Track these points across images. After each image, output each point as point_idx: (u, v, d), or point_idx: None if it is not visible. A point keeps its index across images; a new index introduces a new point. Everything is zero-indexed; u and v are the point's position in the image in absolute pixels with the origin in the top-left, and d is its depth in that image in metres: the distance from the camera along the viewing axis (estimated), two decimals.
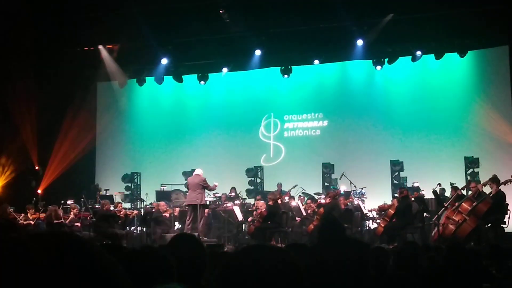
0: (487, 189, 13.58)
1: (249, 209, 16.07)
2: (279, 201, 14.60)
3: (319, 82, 19.73)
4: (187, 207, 14.71)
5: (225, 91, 20.53)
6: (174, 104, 21.02)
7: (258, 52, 18.16)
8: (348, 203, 15.43)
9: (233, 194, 17.56)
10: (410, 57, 18.05)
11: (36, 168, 18.68)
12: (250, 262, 1.66)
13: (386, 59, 18.32)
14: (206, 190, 14.69)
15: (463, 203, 13.18)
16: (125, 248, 8.27)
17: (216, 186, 15.08)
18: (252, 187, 18.86)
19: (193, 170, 15.62)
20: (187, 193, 14.72)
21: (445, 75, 18.33)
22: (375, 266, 4.62)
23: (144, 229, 15.86)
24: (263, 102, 20.18)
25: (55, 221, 14.24)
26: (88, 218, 15.04)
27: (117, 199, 17.79)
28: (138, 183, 20.10)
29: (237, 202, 16.56)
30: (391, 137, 18.62)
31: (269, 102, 20.15)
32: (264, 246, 1.83)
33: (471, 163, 16.87)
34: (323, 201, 15.36)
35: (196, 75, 20.06)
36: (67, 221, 14.54)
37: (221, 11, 16.36)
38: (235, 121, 20.20)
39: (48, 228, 14.11)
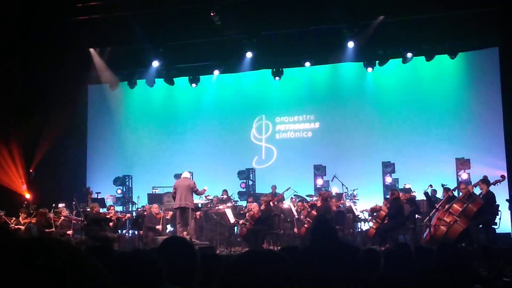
0: (477, 191, 13.63)
1: (241, 212, 16.06)
2: (271, 203, 14.60)
3: (311, 84, 19.76)
4: (174, 210, 14.66)
5: (217, 93, 20.54)
6: (166, 106, 21.00)
7: (249, 55, 18.16)
8: (340, 205, 15.46)
9: (225, 196, 17.54)
10: (401, 59, 18.12)
11: (30, 170, 18.60)
12: (251, 269, 1.67)
13: (377, 61, 18.38)
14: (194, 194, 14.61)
15: (454, 204, 13.22)
16: (115, 251, 8.24)
17: (205, 190, 15.08)
18: (244, 190, 18.86)
19: None
20: (175, 196, 14.57)
21: (436, 76, 18.40)
22: (367, 267, 4.62)
23: (136, 232, 15.81)
24: (254, 104, 20.20)
25: (45, 225, 14.19)
26: (79, 221, 14.97)
27: (109, 202, 17.73)
28: (130, 186, 20.06)
29: (229, 204, 16.54)
30: (382, 138, 18.66)
31: (260, 104, 20.17)
32: (262, 252, 1.83)
33: (462, 164, 16.94)
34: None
35: (187, 77, 20.06)
36: (58, 223, 14.48)
37: (212, 14, 16.35)
38: (226, 123, 20.22)
39: (39, 232, 14.06)
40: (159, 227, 15.09)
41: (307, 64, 18.90)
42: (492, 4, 15.33)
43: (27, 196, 18.11)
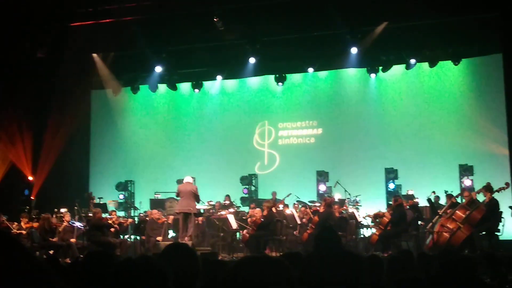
0: (481, 197, 13.59)
1: (244, 217, 16.03)
2: (273, 209, 14.57)
3: (313, 90, 19.75)
4: (178, 215, 14.63)
5: (219, 98, 20.54)
6: (168, 112, 21.01)
7: (252, 60, 18.17)
8: (343, 211, 15.42)
9: (227, 202, 17.51)
10: (405, 65, 18.12)
11: (30, 178, 18.61)
12: (248, 275, 1.66)
13: (380, 67, 18.38)
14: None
15: (457, 211, 13.16)
16: (118, 257, 8.22)
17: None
18: (247, 195, 18.82)
19: None
20: (179, 201, 14.59)
21: (439, 83, 18.38)
22: (370, 274, 4.60)
23: (138, 237, 15.80)
24: (257, 109, 20.19)
25: (48, 230, 14.17)
26: (82, 229, 14.95)
27: (111, 207, 17.71)
28: (132, 191, 20.05)
29: (231, 210, 16.51)
30: (385, 145, 18.62)
31: (263, 109, 20.15)
32: (259, 258, 1.81)
33: (465, 170, 16.90)
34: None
35: (190, 83, 20.10)
36: (60, 229, 14.47)
37: (215, 19, 16.37)
38: (229, 129, 20.20)
39: (41, 237, 14.05)
40: (159, 238, 15.01)
41: (310, 69, 18.93)
42: (494, 10, 15.31)
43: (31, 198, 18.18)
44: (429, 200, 14.42)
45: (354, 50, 17.37)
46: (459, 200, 14.31)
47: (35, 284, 1.24)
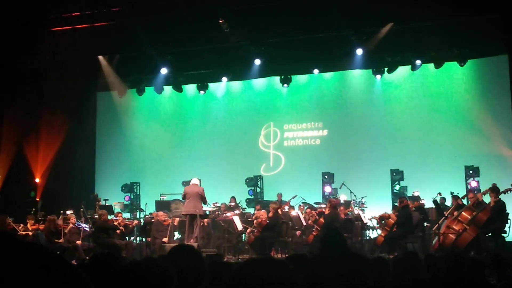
0: (487, 198, 13.55)
1: (249, 219, 16.02)
2: (279, 210, 14.56)
3: (319, 92, 19.75)
4: (184, 216, 14.62)
5: (225, 100, 20.56)
6: (174, 113, 21.04)
7: (257, 62, 18.18)
8: (348, 213, 15.40)
9: (233, 203, 17.51)
10: (410, 66, 18.10)
11: (37, 180, 18.66)
12: (252, 277, 1.67)
13: (386, 68, 18.36)
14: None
15: (463, 213, 13.12)
16: (124, 258, 8.23)
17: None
18: (252, 197, 18.82)
19: None
20: (185, 203, 14.58)
21: (445, 84, 18.35)
22: (375, 276, 4.59)
23: (144, 239, 15.81)
24: (262, 111, 20.19)
25: (54, 232, 14.21)
26: (88, 231, 14.97)
27: (117, 209, 17.74)
28: (138, 193, 20.07)
29: (236, 211, 16.50)
30: (391, 146, 18.60)
31: (268, 111, 20.16)
32: (263, 260, 1.82)
33: (472, 172, 16.85)
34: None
35: (195, 84, 20.12)
36: (66, 231, 14.50)
37: (220, 21, 16.39)
38: (234, 131, 20.21)
39: (47, 239, 14.08)
40: (165, 239, 14.96)
41: (316, 71, 18.92)
42: (500, 11, 15.27)
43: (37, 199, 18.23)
44: (435, 201, 14.39)
45: (359, 52, 17.36)
46: (465, 201, 14.28)
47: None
